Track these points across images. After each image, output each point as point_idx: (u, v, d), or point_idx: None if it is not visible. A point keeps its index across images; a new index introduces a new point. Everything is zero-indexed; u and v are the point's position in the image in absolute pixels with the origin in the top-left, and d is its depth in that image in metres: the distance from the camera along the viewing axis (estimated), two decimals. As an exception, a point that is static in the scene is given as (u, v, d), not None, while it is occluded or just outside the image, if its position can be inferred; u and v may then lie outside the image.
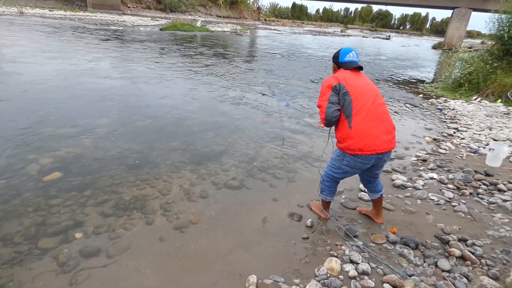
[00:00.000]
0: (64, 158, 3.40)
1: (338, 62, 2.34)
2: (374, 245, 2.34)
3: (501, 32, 7.82)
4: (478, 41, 45.19)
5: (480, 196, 3.11)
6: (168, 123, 4.73)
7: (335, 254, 2.21)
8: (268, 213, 2.73)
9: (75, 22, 22.00)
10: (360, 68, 2.31)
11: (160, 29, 22.65)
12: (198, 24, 29.34)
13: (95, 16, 29.11)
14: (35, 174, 3.05)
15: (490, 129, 5.28)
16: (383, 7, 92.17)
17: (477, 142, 4.69)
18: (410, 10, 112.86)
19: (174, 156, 3.70)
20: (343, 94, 2.14)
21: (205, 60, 11.08)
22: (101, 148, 3.70)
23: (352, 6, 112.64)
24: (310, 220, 2.58)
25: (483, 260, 2.15)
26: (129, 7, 44.36)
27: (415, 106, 6.97)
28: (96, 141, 3.88)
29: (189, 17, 45.34)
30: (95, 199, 2.76)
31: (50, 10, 28.99)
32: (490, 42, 9.36)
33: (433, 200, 3.00)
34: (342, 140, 2.20)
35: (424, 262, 2.15)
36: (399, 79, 11.13)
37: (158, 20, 31.57)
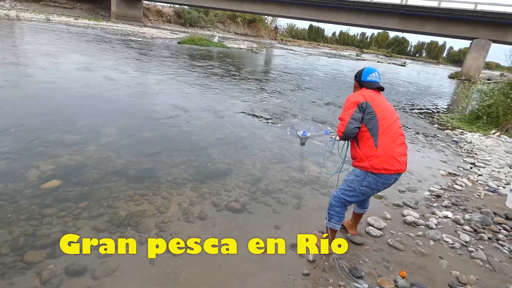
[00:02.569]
0: (65, 166, 3.33)
1: (361, 80, 2.36)
2: (380, 289, 2.14)
3: (524, 66, 7.62)
4: (497, 73, 44.59)
5: (500, 242, 2.86)
6: (174, 137, 4.65)
7: (338, 296, 2.02)
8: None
9: (96, 31, 22.67)
10: (381, 89, 2.33)
11: (178, 43, 23.14)
12: (216, 39, 29.90)
13: (117, 26, 30.08)
14: (34, 181, 2.98)
15: (511, 167, 5.01)
16: (400, 34, 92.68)
17: (496, 180, 4.44)
18: (427, 38, 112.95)
19: (177, 172, 3.59)
20: (369, 113, 2.15)
21: (220, 76, 11.14)
22: (104, 158, 3.62)
23: (369, 31, 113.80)
24: (312, 254, 2.39)
25: (504, 320, 1.92)
26: (150, 20, 45.87)
27: (430, 136, 6.75)
28: (100, 150, 3.81)
29: (208, 32, 46.46)
30: (90, 212, 2.65)
31: (75, 19, 30.16)
32: (511, 75, 9.12)
33: (447, 242, 2.78)
34: (366, 158, 2.16)
35: (437, 315, 1.94)
36: (413, 106, 10.93)
37: (176, 34, 32.36)
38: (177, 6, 49.03)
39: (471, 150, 5.89)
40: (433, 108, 11.22)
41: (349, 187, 2.29)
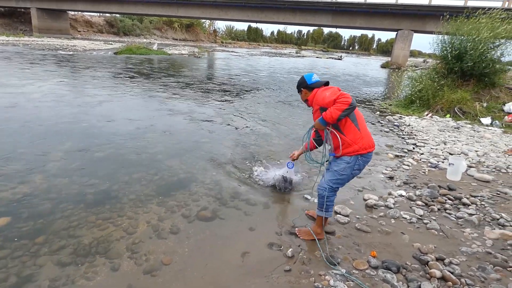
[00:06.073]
0: (11, 200, 3.00)
1: (308, 85, 2.54)
2: (357, 271, 2.28)
3: (445, 52, 8.60)
4: (420, 59, 49.64)
5: (447, 211, 3.22)
6: (129, 152, 4.44)
7: (320, 286, 2.12)
8: (246, 245, 2.58)
9: (18, 47, 20.63)
10: (327, 84, 2.53)
11: (114, 53, 21.92)
12: (155, 47, 28.89)
13: (42, 41, 27.67)
14: (-24, 222, 2.64)
15: (445, 143, 5.63)
16: (333, 30, 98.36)
17: (436, 156, 4.96)
18: (358, 32, 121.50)
19: (139, 188, 3.43)
20: None
21: (165, 85, 10.84)
22: (54, 186, 3.33)
23: (305, 29, 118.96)
24: (290, 250, 2.47)
25: (463, 280, 2.17)
26: (79, 31, 43.04)
27: (374, 124, 7.29)
28: (48, 177, 3.49)
29: (144, 40, 44.84)
30: (50, 246, 2.42)
31: (-11, 36, 27.07)
32: (430, 60, 10.25)
33: (405, 218, 3.06)
34: (353, 142, 2.35)
35: (408, 286, 2.13)
36: (355, 96, 11.69)
37: (111, 44, 30.72)
38: (107, 15, 46.56)
39: (411, 132, 6.49)
40: (373, 96, 12.11)
41: (342, 175, 2.44)
